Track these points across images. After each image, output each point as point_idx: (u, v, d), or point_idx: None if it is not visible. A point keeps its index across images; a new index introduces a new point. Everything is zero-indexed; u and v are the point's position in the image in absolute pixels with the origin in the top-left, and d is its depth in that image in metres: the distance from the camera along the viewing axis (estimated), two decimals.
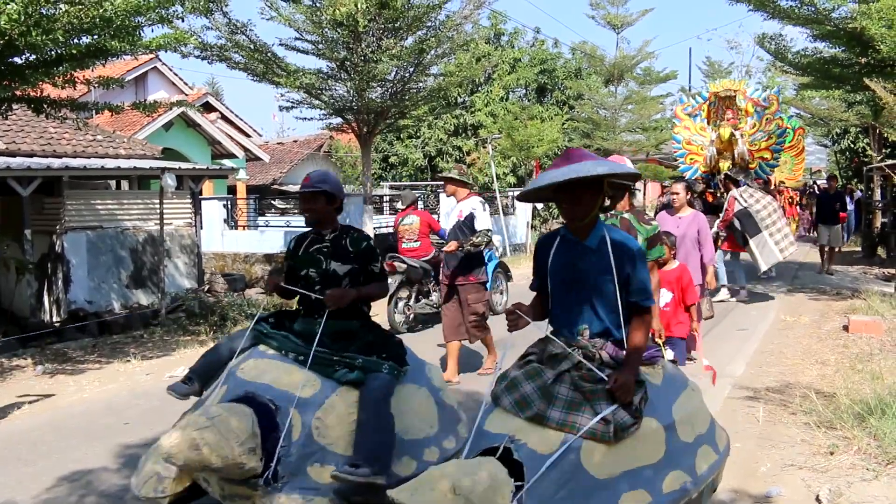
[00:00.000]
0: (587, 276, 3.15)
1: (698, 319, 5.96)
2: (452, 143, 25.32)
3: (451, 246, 6.75)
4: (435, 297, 9.64)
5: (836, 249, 16.17)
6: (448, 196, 7.42)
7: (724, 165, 13.92)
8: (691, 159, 14.49)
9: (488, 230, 6.79)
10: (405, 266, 9.38)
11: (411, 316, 9.69)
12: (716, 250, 9.35)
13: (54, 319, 10.49)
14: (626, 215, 4.79)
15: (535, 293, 3.44)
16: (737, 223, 11.57)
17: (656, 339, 5.90)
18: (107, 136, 13.65)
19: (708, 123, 14.15)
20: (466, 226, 6.85)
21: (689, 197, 7.74)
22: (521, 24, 28.32)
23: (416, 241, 9.63)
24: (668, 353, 5.58)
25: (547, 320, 3.36)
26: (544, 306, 3.36)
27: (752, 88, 14.62)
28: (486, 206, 7.01)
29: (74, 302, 10.46)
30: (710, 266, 7.71)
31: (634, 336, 3.15)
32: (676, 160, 15.58)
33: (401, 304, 9.52)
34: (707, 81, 27.33)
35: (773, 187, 14.94)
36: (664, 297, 5.81)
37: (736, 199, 11.68)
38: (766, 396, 6.34)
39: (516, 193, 3.47)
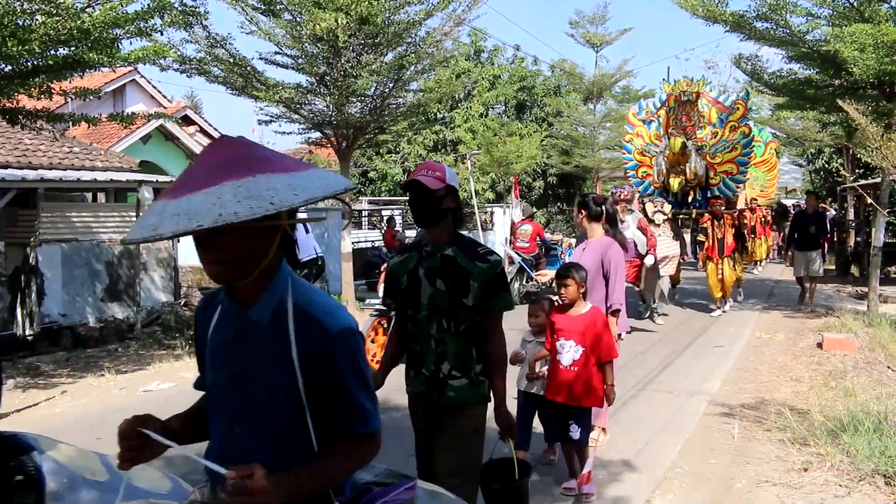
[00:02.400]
0: (249, 374, 1.78)
1: (611, 381, 4.50)
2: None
3: None
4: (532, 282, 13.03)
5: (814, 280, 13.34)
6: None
7: (675, 182, 12.68)
8: (644, 172, 13.28)
9: (316, 257, 4.98)
10: (520, 259, 13.08)
11: (523, 292, 12.94)
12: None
13: (27, 333, 10.32)
14: (449, 251, 3.14)
15: (201, 394, 2.02)
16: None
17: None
18: (83, 149, 13.53)
19: (665, 132, 12.79)
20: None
21: (581, 217, 5.44)
22: (501, 41, 28.56)
23: (527, 242, 13.45)
24: (574, 431, 4.48)
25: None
26: None
27: (716, 92, 13.40)
28: (305, 225, 5.23)
29: (48, 315, 10.31)
30: (618, 307, 5.23)
31: (327, 460, 1.77)
32: (627, 173, 14.28)
33: (517, 285, 12.87)
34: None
35: (744, 205, 14.63)
36: (571, 352, 4.42)
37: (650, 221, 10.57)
38: (742, 413, 6.39)
39: (122, 238, 1.68)
